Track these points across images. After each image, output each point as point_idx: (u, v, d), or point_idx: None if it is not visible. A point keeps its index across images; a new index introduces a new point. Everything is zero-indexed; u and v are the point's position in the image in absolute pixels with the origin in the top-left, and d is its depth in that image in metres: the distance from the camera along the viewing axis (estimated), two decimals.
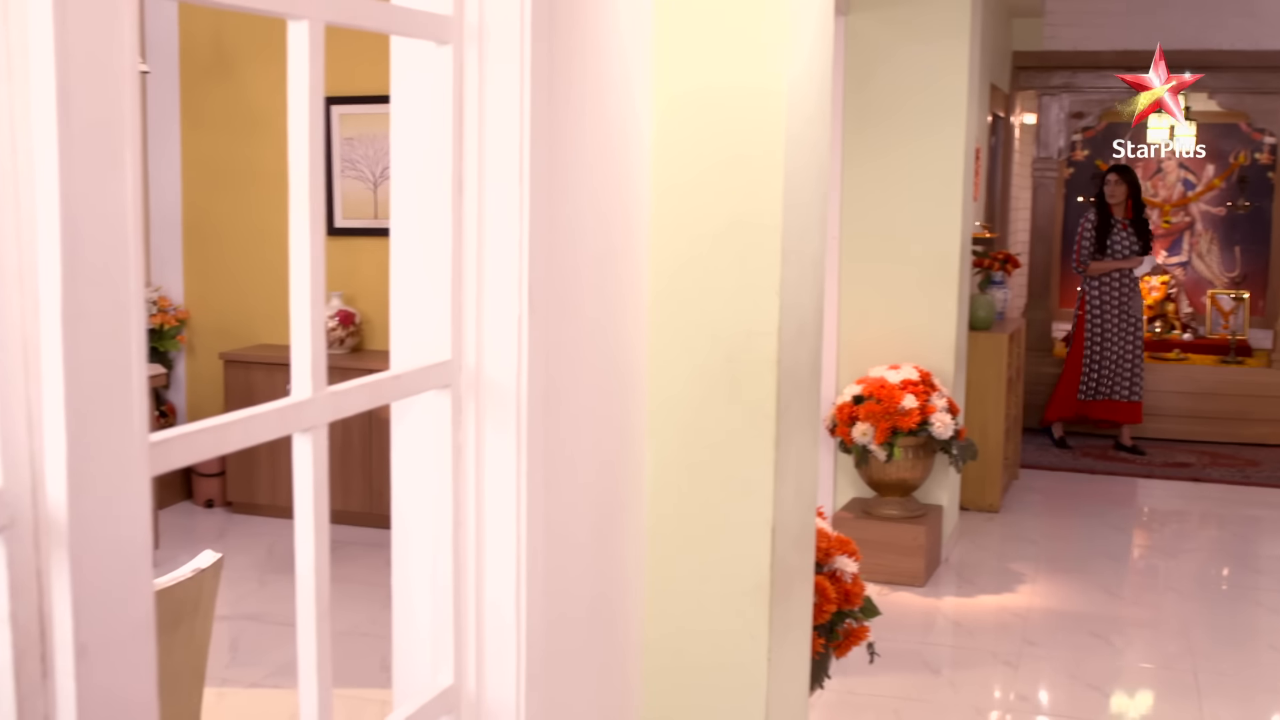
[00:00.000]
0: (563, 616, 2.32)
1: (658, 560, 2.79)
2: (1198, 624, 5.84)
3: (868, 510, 6.37)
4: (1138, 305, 9.21)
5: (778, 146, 2.60)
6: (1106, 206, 9.13)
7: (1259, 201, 11.21)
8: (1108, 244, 9.08)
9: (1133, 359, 9.17)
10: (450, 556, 2.07)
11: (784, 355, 2.67)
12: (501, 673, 2.15)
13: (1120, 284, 9.14)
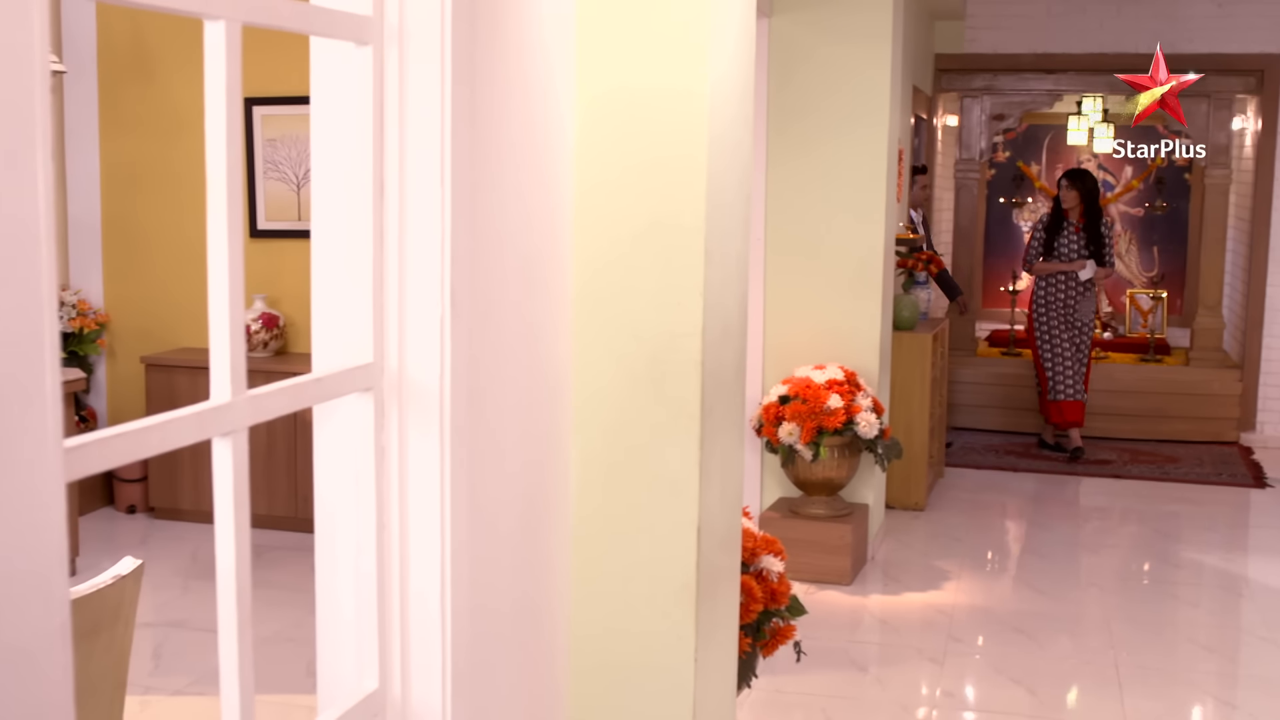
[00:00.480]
0: (489, 618, 2.31)
1: (584, 561, 2.79)
2: (1119, 618, 5.92)
3: (794, 510, 6.40)
4: (1086, 309, 9.15)
5: (700, 148, 2.61)
6: (1059, 209, 9.15)
7: (1176, 202, 11.41)
8: (1055, 246, 9.08)
9: (1074, 360, 9.11)
10: (374, 560, 2.06)
11: (708, 356, 2.68)
12: (426, 676, 2.14)
13: (1066, 287, 9.10)
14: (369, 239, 1.99)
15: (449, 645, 2.13)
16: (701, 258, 2.62)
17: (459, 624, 2.15)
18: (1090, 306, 9.20)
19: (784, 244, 6.51)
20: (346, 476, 2.09)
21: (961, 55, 10.06)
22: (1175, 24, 9.69)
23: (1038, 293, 9.22)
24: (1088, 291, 9.14)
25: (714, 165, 2.67)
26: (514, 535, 2.45)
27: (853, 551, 6.26)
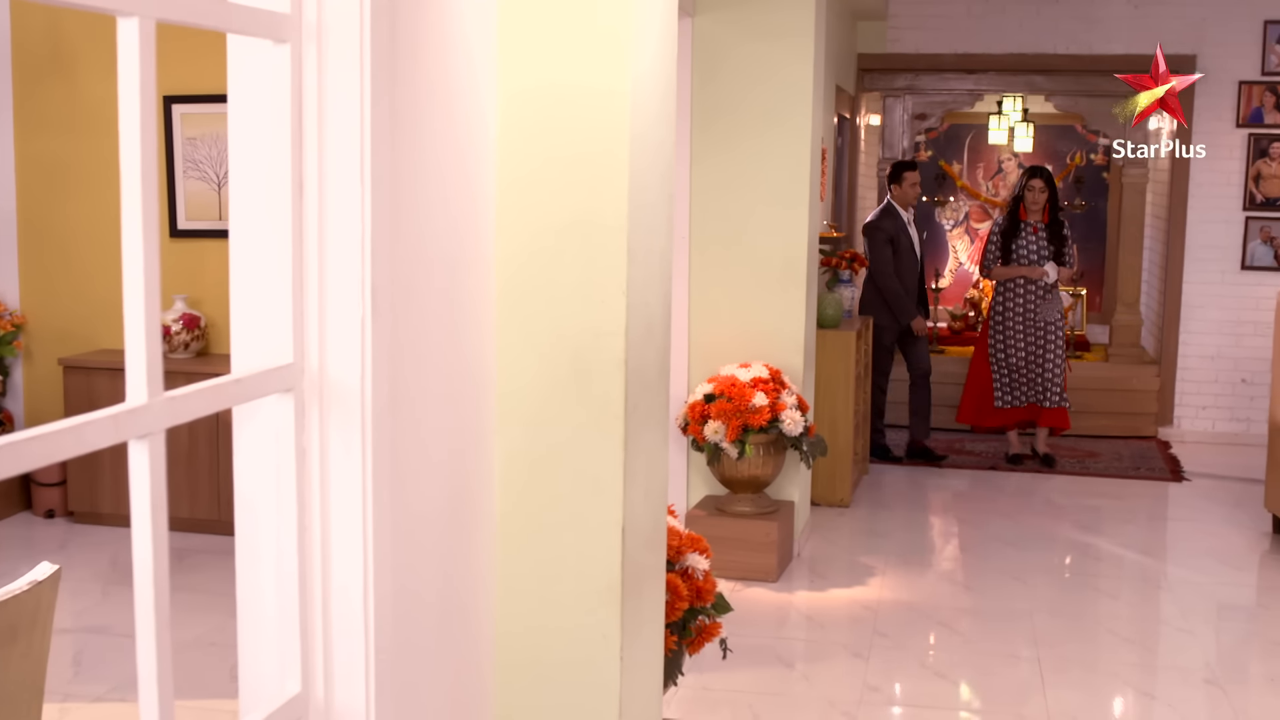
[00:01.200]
0: (413, 618, 2.30)
1: (509, 560, 2.78)
2: (1042, 611, 6.00)
3: (720, 507, 6.43)
4: (1051, 311, 8.73)
5: (622, 145, 2.62)
6: (1018, 210, 8.76)
7: (1095, 201, 11.58)
8: (1013, 249, 8.71)
9: (1043, 365, 8.73)
10: (295, 562, 2.04)
11: (631, 354, 2.68)
12: (350, 678, 2.13)
13: (1026, 291, 8.72)
14: (288, 238, 1.97)
15: (372, 646, 2.12)
16: (624, 256, 2.63)
17: (382, 624, 2.14)
18: (1055, 307, 8.79)
19: (709, 242, 6.53)
20: (267, 478, 2.07)
21: (884, 55, 10.14)
22: (1093, 25, 9.83)
23: (996, 298, 8.87)
24: (1050, 294, 8.77)
25: (636, 163, 2.67)
26: (438, 534, 2.44)
27: (779, 549, 6.29)
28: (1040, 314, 8.70)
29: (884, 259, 8.59)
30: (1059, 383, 8.76)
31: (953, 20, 10.00)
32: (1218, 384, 9.96)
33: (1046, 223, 8.68)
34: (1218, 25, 9.63)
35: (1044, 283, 8.65)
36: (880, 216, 8.79)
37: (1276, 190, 9.68)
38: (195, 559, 6.18)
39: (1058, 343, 8.77)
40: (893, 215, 8.67)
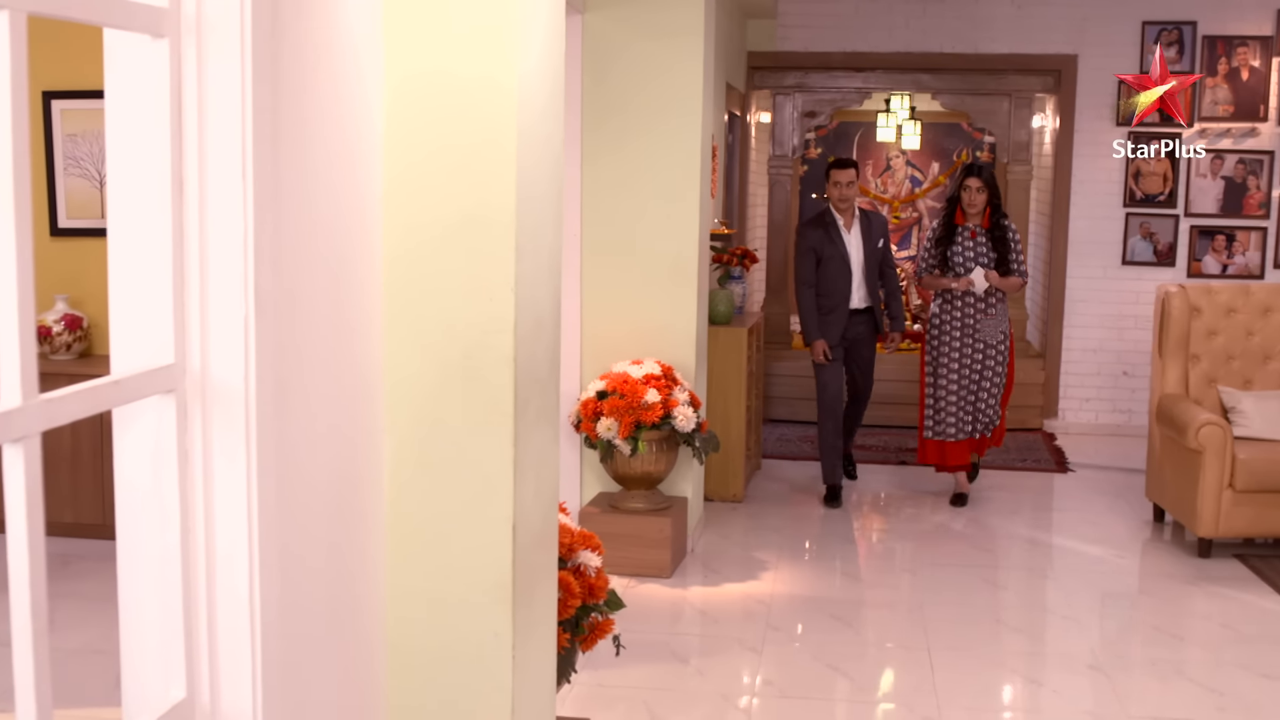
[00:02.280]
0: (301, 620, 2.28)
1: (399, 559, 2.76)
2: (931, 602, 6.09)
3: (614, 504, 6.44)
4: (992, 330, 7.72)
5: (510, 139, 2.61)
6: (955, 212, 7.76)
7: None
8: (949, 256, 7.71)
9: (976, 395, 7.76)
10: (179, 566, 2.01)
11: (520, 351, 2.67)
12: (236, 683, 2.10)
13: (964, 305, 7.73)
14: (168, 237, 1.94)
15: (259, 649, 2.09)
16: (512, 252, 2.62)
17: (269, 627, 2.11)
18: (999, 326, 7.75)
19: (600, 240, 6.53)
20: (149, 481, 2.03)
21: (773, 53, 10.22)
22: (977, 25, 9.98)
23: (933, 311, 7.87)
24: (993, 307, 7.73)
25: (524, 157, 2.66)
26: (326, 535, 2.42)
27: (672, 544, 6.32)
28: (980, 332, 7.71)
29: (801, 269, 7.76)
30: (992, 413, 7.83)
31: (841, 19, 10.10)
32: (1100, 376, 10.17)
33: (987, 227, 7.68)
34: (1098, 26, 9.84)
35: (974, 292, 7.64)
36: (806, 222, 8.03)
37: (1155, 187, 9.91)
38: (80, 565, 6.06)
39: (997, 370, 7.78)
40: (821, 222, 7.76)
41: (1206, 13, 9.70)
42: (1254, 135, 9.75)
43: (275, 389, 2.09)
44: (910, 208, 12.11)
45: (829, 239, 7.70)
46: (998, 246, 7.65)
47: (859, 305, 7.83)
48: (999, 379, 7.81)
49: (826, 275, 7.72)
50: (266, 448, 2.07)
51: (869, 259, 7.80)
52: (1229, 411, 7.13)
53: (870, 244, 7.80)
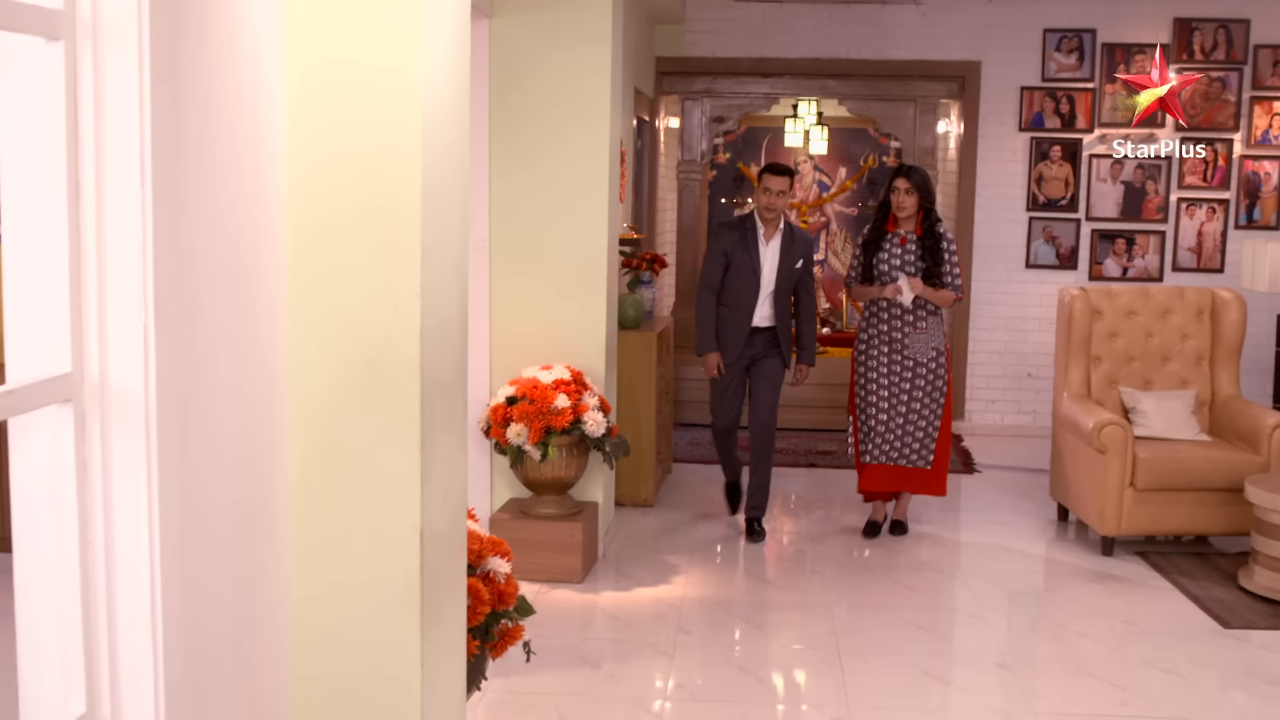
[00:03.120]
0: (205, 632, 2.25)
1: (305, 569, 2.74)
2: (841, 603, 6.13)
3: (525, 510, 6.41)
4: (921, 345, 7.01)
5: (415, 143, 2.59)
6: (886, 217, 7.08)
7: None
8: (875, 265, 7.03)
9: (905, 416, 7.07)
10: (78, 578, 1.98)
11: (427, 357, 2.66)
12: (138, 696, 2.07)
13: (889, 316, 7.05)
14: (64, 242, 1.90)
15: (161, 662, 2.06)
16: (418, 259, 2.60)
17: (172, 639, 2.08)
18: (930, 341, 7.03)
19: (509, 245, 6.51)
20: (47, 493, 1.99)
21: (682, 58, 10.25)
22: (883, 31, 10.08)
23: (861, 325, 7.21)
24: (923, 320, 7.03)
25: (429, 165, 2.65)
26: (230, 545, 2.39)
27: (583, 549, 6.31)
28: (909, 348, 7.01)
29: (708, 271, 7.14)
30: (925, 441, 7.10)
31: (748, 25, 10.16)
32: (1005, 378, 10.31)
33: (920, 234, 7.00)
34: (1001, 33, 9.98)
35: (901, 304, 6.95)
36: (725, 223, 7.62)
37: (1057, 192, 10.07)
38: None
39: (929, 391, 7.06)
40: (741, 226, 7.12)
41: (1105, 21, 9.88)
42: (1152, 141, 9.94)
43: (177, 397, 2.06)
44: (818, 212, 12.21)
45: (743, 245, 7.04)
46: (929, 256, 6.96)
47: (762, 323, 7.10)
48: (932, 401, 7.05)
49: (733, 284, 7.07)
50: (168, 458, 2.04)
51: (783, 277, 7.04)
52: (1130, 412, 7.26)
53: (788, 261, 7.05)
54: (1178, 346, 7.55)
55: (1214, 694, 5.23)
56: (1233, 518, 6.82)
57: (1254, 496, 6.25)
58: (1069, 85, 9.94)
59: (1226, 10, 9.81)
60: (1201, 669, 5.41)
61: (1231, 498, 6.77)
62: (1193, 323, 7.56)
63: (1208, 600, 6.21)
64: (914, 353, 7.01)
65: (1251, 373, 9.37)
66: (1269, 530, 6.17)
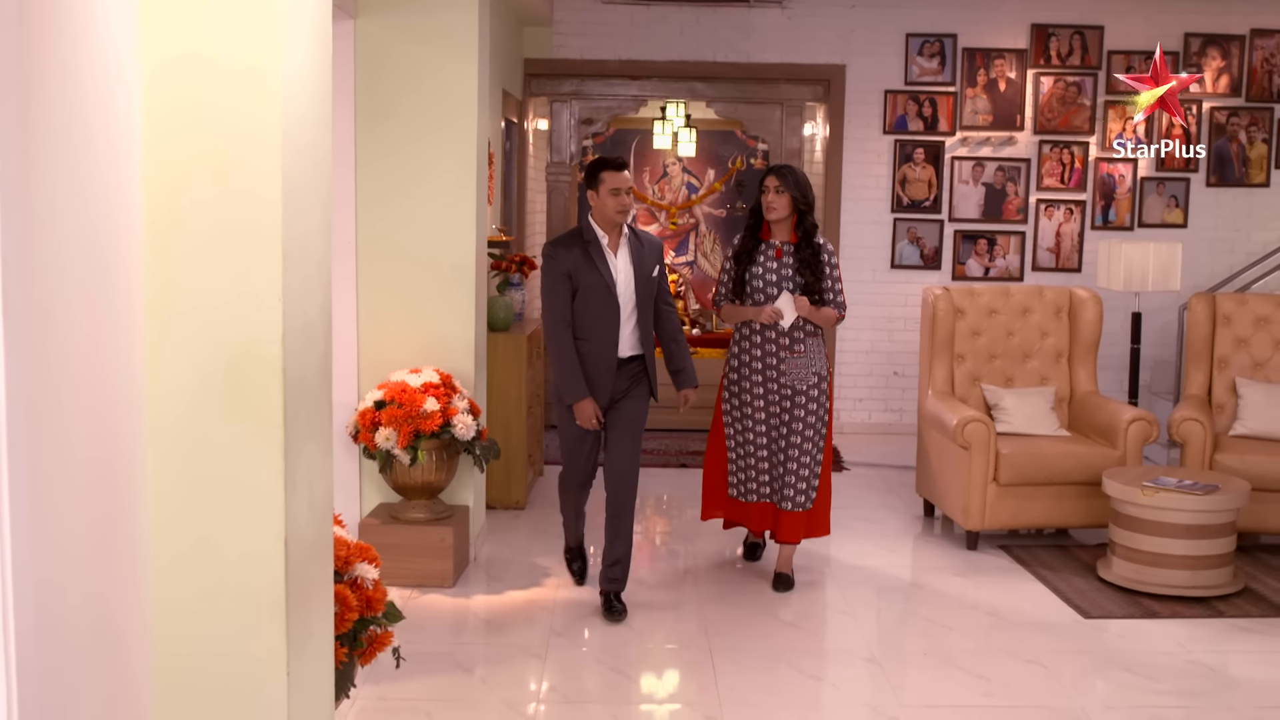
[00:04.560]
0: (60, 649, 2.18)
1: (167, 581, 2.68)
2: (712, 603, 6.17)
3: (395, 515, 6.36)
4: (800, 372, 6.21)
5: (275, 143, 2.55)
6: (759, 224, 6.33)
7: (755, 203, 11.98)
8: (747, 279, 6.26)
9: (785, 452, 6.28)
10: None
11: (289, 363, 2.62)
12: None
13: (765, 340, 6.24)
14: None
15: (14, 681, 2.00)
16: (279, 262, 2.56)
17: (25, 657, 2.02)
18: (810, 366, 6.23)
19: (376, 247, 6.45)
20: None
21: (550, 60, 10.24)
22: (750, 34, 10.17)
23: (732, 349, 6.42)
24: (801, 343, 6.22)
25: (290, 165, 2.61)
26: (87, 558, 2.33)
27: (454, 553, 6.27)
28: (786, 375, 6.22)
29: (555, 302, 5.82)
30: (805, 478, 6.27)
31: (616, 27, 10.18)
32: (872, 377, 10.47)
33: (796, 242, 6.21)
34: (864, 37, 10.12)
35: (780, 327, 6.17)
36: (556, 241, 5.97)
37: (921, 193, 10.24)
38: None
39: (810, 421, 6.24)
40: (579, 240, 5.88)
41: (966, 26, 10.08)
42: (1012, 144, 10.16)
43: (27, 409, 2.00)
44: (687, 214, 12.29)
45: (589, 263, 5.80)
46: (808, 269, 6.14)
47: (629, 353, 5.95)
48: (815, 434, 6.24)
49: (586, 310, 5.82)
50: (19, 471, 1.98)
51: (642, 291, 5.92)
52: (992, 409, 7.41)
53: (643, 272, 5.93)
54: (1038, 344, 7.73)
55: (1075, 682, 5.35)
56: (1091, 510, 7.00)
57: (1111, 489, 6.42)
58: (931, 89, 10.12)
59: (1081, 17, 10.07)
60: (1063, 658, 5.54)
61: (1090, 491, 6.95)
62: (1052, 321, 7.75)
63: (1068, 591, 6.36)
64: (792, 379, 6.19)
65: (1108, 369, 9.64)
66: (1126, 522, 6.35)
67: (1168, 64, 8.04)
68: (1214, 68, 10.14)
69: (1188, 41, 10.10)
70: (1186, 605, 6.15)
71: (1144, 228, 10.24)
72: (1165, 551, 6.23)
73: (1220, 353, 7.68)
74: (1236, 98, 10.18)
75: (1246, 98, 10.18)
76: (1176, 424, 7.14)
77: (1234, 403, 7.54)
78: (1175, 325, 9.75)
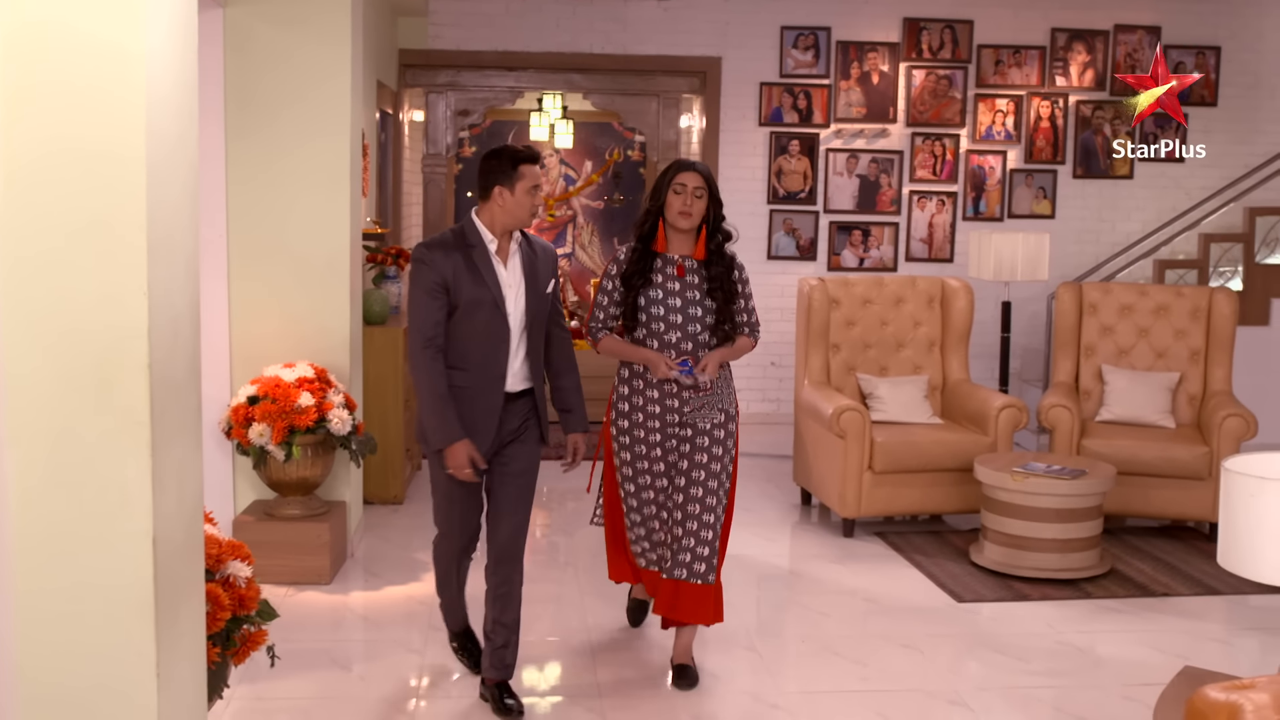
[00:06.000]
0: None
1: (30, 583, 2.61)
2: (593, 595, 6.18)
3: (270, 512, 6.27)
4: (705, 411, 5.00)
5: (138, 141, 2.50)
6: (655, 234, 5.05)
7: (633, 195, 12.03)
8: (641, 305, 5.00)
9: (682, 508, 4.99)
10: None
11: (156, 358, 2.57)
12: None
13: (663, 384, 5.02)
14: None
15: None
16: (145, 256, 2.51)
17: None
18: (717, 403, 5.03)
19: (248, 241, 6.34)
20: None
21: (425, 51, 10.16)
22: (626, 26, 10.19)
23: (617, 386, 5.17)
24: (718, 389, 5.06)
25: (155, 160, 2.56)
26: None
27: (331, 550, 6.20)
28: (687, 415, 5.02)
29: (422, 320, 4.59)
30: (707, 540, 4.96)
31: (492, 18, 10.13)
32: (750, 367, 10.54)
33: (703, 259, 5.02)
34: (740, 29, 10.19)
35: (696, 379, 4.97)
36: (432, 243, 4.71)
37: (796, 185, 10.34)
38: None
39: (712, 470, 4.98)
40: (462, 243, 4.67)
41: (840, 19, 10.19)
42: (885, 136, 10.30)
43: None
44: (564, 206, 12.28)
45: (472, 273, 4.62)
46: (719, 290, 5.03)
47: (519, 386, 4.78)
48: (718, 484, 4.99)
49: (469, 333, 4.65)
50: None
51: (535, 310, 4.75)
52: (867, 397, 7.52)
53: (537, 286, 4.76)
54: (911, 334, 7.85)
55: (949, 665, 5.45)
56: (964, 496, 7.13)
57: (983, 475, 6.55)
58: (806, 81, 10.22)
59: (952, 11, 10.24)
60: (938, 642, 5.64)
61: (963, 477, 7.08)
62: (924, 311, 7.87)
63: (942, 576, 6.47)
64: (693, 417, 5.01)
65: (980, 358, 9.81)
66: (997, 507, 6.47)
67: (1029, 58, 8.20)
68: (1079, 62, 10.37)
69: (1054, 36, 10.33)
70: (1056, 587, 6.30)
71: (1014, 218, 10.45)
72: (1035, 535, 6.36)
73: (1087, 340, 7.86)
74: (1101, 91, 10.42)
75: (1110, 92, 10.42)
76: (1045, 410, 7.30)
77: (1100, 389, 7.73)
78: (1044, 314, 9.96)
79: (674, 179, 5.01)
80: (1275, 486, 3.30)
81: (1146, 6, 10.40)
